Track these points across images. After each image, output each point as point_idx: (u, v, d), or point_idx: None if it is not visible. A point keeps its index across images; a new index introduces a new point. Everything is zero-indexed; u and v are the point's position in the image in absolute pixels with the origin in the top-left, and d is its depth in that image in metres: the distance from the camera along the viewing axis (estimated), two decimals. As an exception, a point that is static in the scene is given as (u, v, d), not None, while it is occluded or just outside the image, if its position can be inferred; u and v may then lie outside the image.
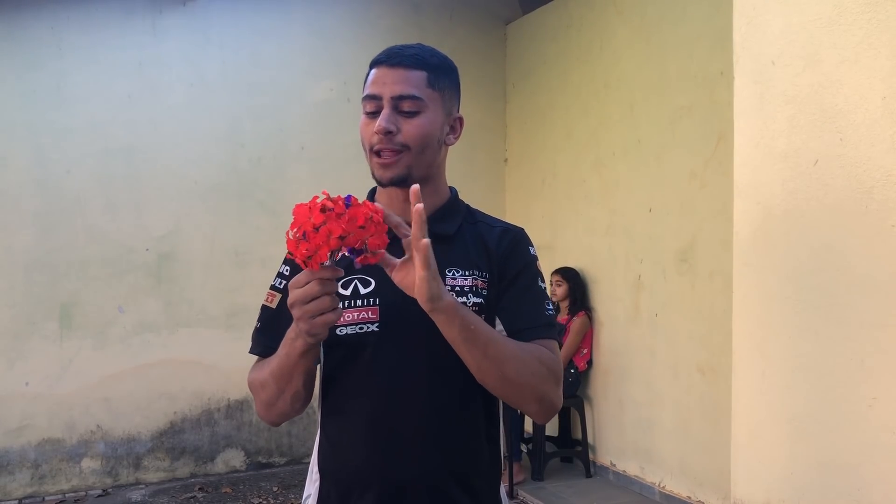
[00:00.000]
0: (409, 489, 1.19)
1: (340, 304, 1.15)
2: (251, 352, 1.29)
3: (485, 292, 1.22)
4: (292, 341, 1.11)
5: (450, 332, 1.09)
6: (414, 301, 1.07)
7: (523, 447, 4.75)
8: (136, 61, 4.60)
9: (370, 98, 1.20)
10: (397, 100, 1.18)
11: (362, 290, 1.21)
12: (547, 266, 5.06)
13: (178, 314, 4.71)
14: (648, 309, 4.35)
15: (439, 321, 1.08)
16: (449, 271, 1.22)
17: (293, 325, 1.08)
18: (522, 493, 4.38)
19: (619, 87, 4.56)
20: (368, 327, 1.20)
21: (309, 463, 1.35)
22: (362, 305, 1.20)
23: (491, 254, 1.25)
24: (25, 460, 4.38)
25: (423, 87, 1.19)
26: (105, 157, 4.54)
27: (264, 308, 1.28)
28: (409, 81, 1.19)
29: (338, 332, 1.19)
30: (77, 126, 4.47)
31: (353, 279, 1.22)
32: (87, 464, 4.52)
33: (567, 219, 5.06)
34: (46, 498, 4.39)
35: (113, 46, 4.55)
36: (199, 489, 4.51)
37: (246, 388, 4.69)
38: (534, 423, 4.67)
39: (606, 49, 4.67)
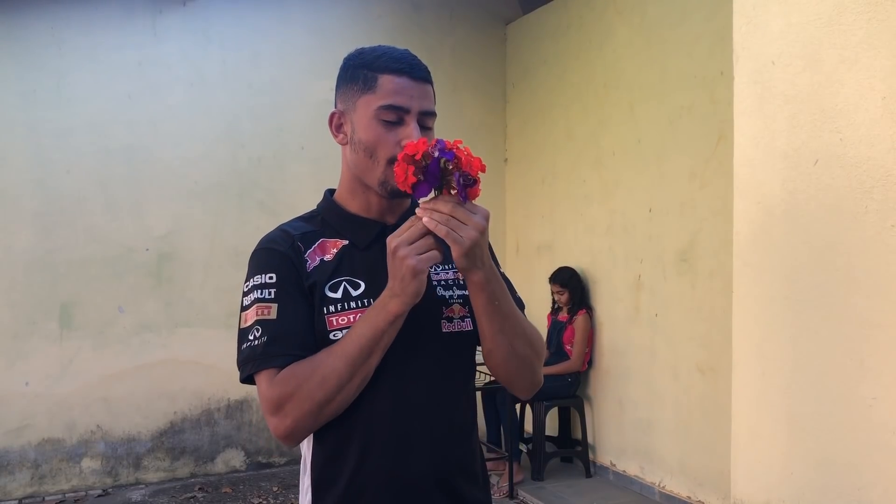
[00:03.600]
0: (420, 486, 1.19)
1: (332, 307, 1.17)
2: (269, 365, 1.15)
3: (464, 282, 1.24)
4: (381, 307, 1.10)
5: (479, 298, 1.14)
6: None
7: (523, 447, 4.75)
8: (136, 61, 4.61)
9: (395, 109, 1.17)
10: (422, 115, 1.19)
11: (353, 293, 1.19)
12: (546, 266, 5.06)
13: (178, 314, 4.71)
14: (648, 309, 4.35)
15: (475, 284, 1.13)
16: (432, 267, 1.21)
17: (387, 290, 1.09)
18: (522, 493, 4.38)
19: (619, 86, 4.56)
20: None
21: None
22: (355, 307, 1.17)
23: None
24: (25, 460, 4.38)
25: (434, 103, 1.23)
26: (105, 157, 4.54)
27: (263, 322, 1.18)
28: (430, 97, 1.21)
29: (332, 336, 1.16)
30: (77, 126, 4.47)
31: (342, 281, 1.20)
32: (87, 464, 4.52)
33: (567, 219, 5.05)
34: (46, 498, 4.39)
35: (113, 46, 4.55)
36: (199, 489, 4.51)
37: (246, 388, 4.65)
38: (534, 424, 4.66)
39: (606, 49, 4.67)
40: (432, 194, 1.09)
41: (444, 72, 5.43)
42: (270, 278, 1.20)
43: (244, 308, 1.22)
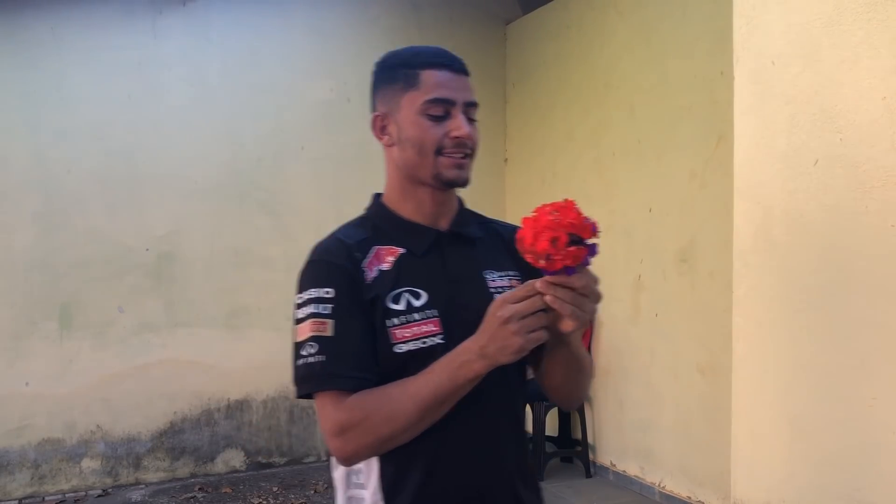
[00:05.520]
0: (487, 495, 1.20)
1: (396, 320, 1.14)
2: (332, 387, 1.12)
3: None
4: (467, 363, 1.06)
5: (561, 351, 1.18)
6: (469, 309, 1.12)
7: (523, 447, 4.75)
8: (136, 61, 4.60)
9: (441, 102, 1.17)
10: (467, 106, 1.20)
11: (415, 303, 1.16)
12: (547, 266, 5.06)
13: (178, 314, 4.71)
14: (648, 309, 4.35)
15: (564, 342, 1.15)
16: (486, 273, 1.23)
17: (475, 345, 1.05)
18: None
19: (619, 87, 4.56)
20: (433, 340, 1.15)
21: (308, 463, 1.34)
22: (419, 319, 1.15)
23: (515, 254, 1.20)
24: (25, 460, 4.38)
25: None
26: (105, 157, 4.54)
27: (318, 339, 1.12)
28: (471, 89, 1.22)
29: (396, 350, 1.13)
30: (77, 126, 4.47)
31: (403, 293, 1.17)
32: (87, 464, 4.52)
33: (567, 219, 5.05)
34: (46, 498, 4.39)
35: (113, 46, 4.55)
36: (199, 489, 4.51)
37: (246, 388, 4.63)
38: (534, 424, 4.66)
39: (606, 49, 4.67)
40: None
41: (444, 72, 5.42)
42: (327, 293, 1.16)
43: (298, 321, 1.17)
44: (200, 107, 4.76)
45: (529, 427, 4.95)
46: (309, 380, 1.13)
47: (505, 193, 5.72)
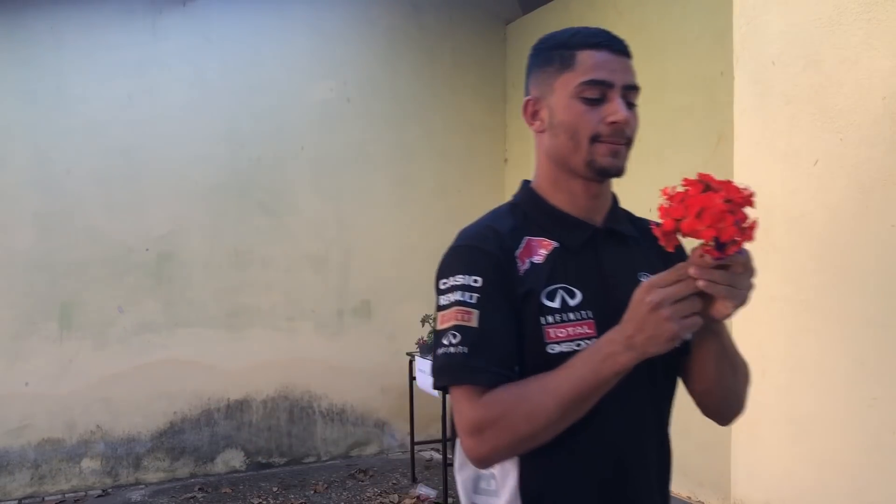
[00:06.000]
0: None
1: (550, 318, 1.06)
2: (471, 381, 1.04)
3: None
4: (612, 356, 0.96)
5: (712, 343, 1.09)
6: (624, 310, 0.99)
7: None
8: (136, 61, 4.60)
9: (597, 84, 1.08)
10: (626, 89, 1.10)
11: (571, 302, 1.07)
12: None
13: (178, 314, 4.71)
14: (648, 309, 4.34)
15: (715, 332, 1.06)
16: (641, 276, 1.14)
17: (621, 336, 0.96)
18: (522, 493, 4.37)
19: (619, 87, 4.56)
20: (587, 343, 1.05)
21: (308, 463, 1.30)
22: (574, 319, 1.07)
23: (663, 253, 1.11)
24: (25, 460, 4.38)
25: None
26: (105, 157, 4.54)
27: (462, 329, 1.05)
28: (632, 72, 1.12)
29: (549, 349, 1.05)
30: (77, 126, 4.47)
31: (558, 289, 1.08)
32: (87, 464, 4.52)
33: (567, 219, 5.05)
34: (46, 498, 4.39)
35: (113, 46, 4.55)
36: (199, 489, 4.51)
37: (246, 388, 4.63)
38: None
39: (606, 49, 4.67)
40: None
41: (444, 72, 5.43)
42: (475, 281, 1.07)
43: (441, 308, 1.09)
44: (200, 107, 4.76)
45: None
46: (447, 371, 1.06)
47: (505, 193, 5.71)
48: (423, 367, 4.36)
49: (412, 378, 4.59)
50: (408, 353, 4.66)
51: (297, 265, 4.95)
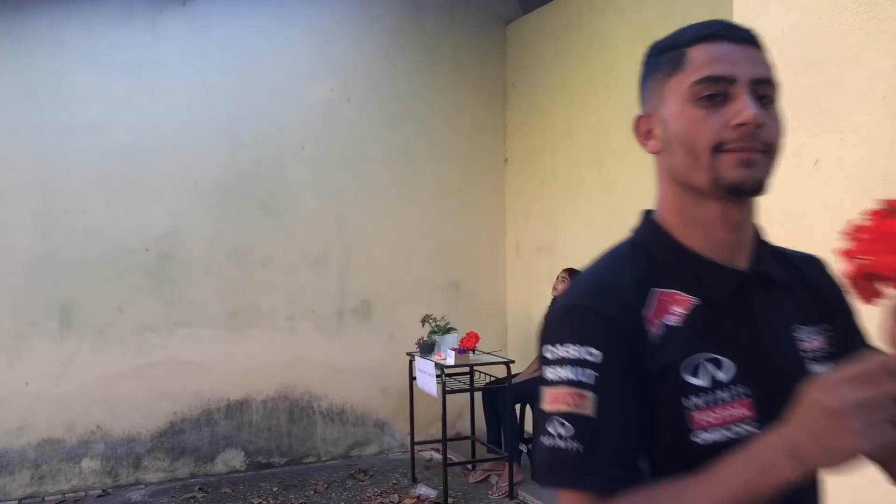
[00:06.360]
0: None
1: (696, 399, 0.84)
2: (585, 487, 0.83)
3: (834, 350, 0.95)
4: (771, 467, 0.73)
5: None
6: (787, 384, 0.80)
7: (523, 447, 4.75)
8: (136, 61, 4.61)
9: (714, 80, 0.85)
10: (756, 84, 0.87)
11: (720, 376, 0.85)
12: (546, 266, 5.06)
13: (178, 314, 4.71)
14: (648, 309, 4.34)
15: None
16: (796, 331, 0.93)
17: (784, 443, 0.72)
18: (522, 493, 4.38)
19: (619, 86, 4.55)
20: (744, 428, 0.84)
21: (308, 464, 1.27)
22: (728, 400, 0.85)
23: (820, 297, 0.95)
24: (25, 460, 4.38)
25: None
26: (105, 158, 4.54)
27: (574, 417, 0.84)
28: (763, 63, 0.90)
29: (696, 438, 0.83)
30: (77, 126, 4.47)
31: (703, 361, 0.86)
32: (87, 464, 4.52)
33: (567, 219, 5.05)
34: (46, 498, 4.39)
35: (113, 46, 4.55)
36: (199, 489, 4.51)
37: (246, 388, 4.63)
38: (534, 424, 4.66)
39: (606, 48, 4.67)
40: None
41: (444, 72, 5.43)
42: (591, 355, 0.85)
43: (549, 384, 0.87)
44: (200, 107, 4.76)
45: (528, 427, 4.95)
46: (556, 471, 0.85)
47: (505, 193, 5.72)
48: (423, 367, 4.36)
49: (412, 378, 4.59)
50: (408, 354, 4.66)
51: (297, 265, 4.95)
